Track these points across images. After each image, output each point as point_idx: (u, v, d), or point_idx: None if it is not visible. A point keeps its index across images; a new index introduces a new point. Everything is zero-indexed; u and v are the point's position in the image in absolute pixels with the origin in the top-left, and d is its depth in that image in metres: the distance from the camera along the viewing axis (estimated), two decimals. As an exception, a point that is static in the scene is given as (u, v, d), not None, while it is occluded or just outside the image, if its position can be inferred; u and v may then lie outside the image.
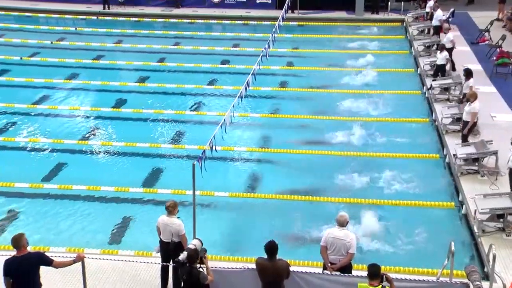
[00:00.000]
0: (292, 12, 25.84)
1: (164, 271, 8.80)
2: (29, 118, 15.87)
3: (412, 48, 21.30)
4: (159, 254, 8.81)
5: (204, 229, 9.87)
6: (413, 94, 17.64)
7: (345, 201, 11.74)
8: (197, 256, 7.52)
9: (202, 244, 8.10)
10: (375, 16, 26.35)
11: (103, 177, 12.73)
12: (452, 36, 18.35)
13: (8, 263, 7.25)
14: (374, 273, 7.04)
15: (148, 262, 8.93)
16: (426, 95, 16.98)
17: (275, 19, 21.03)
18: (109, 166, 13.47)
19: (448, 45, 17.80)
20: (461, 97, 15.08)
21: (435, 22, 21.18)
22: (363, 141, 14.55)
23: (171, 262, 8.49)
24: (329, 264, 8.15)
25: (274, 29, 16.09)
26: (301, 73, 19.95)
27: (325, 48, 22.33)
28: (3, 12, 26.61)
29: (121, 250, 9.99)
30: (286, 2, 19.45)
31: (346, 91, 17.90)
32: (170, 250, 8.49)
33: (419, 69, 19.07)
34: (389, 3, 26.16)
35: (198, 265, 7.52)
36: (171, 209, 8.56)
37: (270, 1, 27.89)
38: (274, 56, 19.50)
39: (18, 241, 7.23)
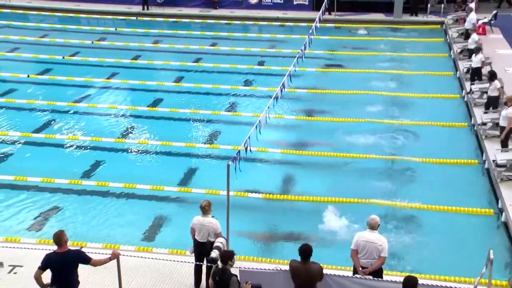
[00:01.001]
0: (329, 14, 25.67)
1: (198, 271, 8.87)
2: (69, 116, 16.22)
3: (452, 51, 20.88)
4: (193, 255, 8.87)
5: (237, 229, 9.91)
6: (452, 98, 17.29)
7: (380, 203, 11.60)
8: (230, 256, 7.52)
9: (227, 242, 8.16)
10: (414, 18, 25.94)
11: (139, 175, 12.93)
12: (477, 37, 17.93)
13: (48, 258, 7.42)
14: (411, 287, 6.92)
15: (181, 261, 9.02)
16: (465, 99, 16.63)
17: (312, 20, 20.92)
18: (145, 164, 13.67)
19: (471, 46, 17.44)
20: (486, 100, 14.77)
21: (468, 25, 20.71)
22: (400, 145, 14.37)
23: (205, 262, 8.55)
24: (360, 268, 8.06)
25: (310, 31, 16.03)
26: (337, 75, 19.81)
27: (362, 50, 22.12)
28: (47, 13, 27.33)
29: (155, 248, 10.10)
30: (323, 3, 19.35)
31: (382, 94, 17.69)
32: (206, 250, 8.48)
33: (458, 72, 18.68)
34: (428, 5, 25.72)
35: (230, 265, 7.51)
36: (207, 208, 8.61)
37: (307, 3, 27.79)
38: (310, 57, 19.45)
39: (60, 238, 7.38)
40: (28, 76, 19.20)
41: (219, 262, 7.58)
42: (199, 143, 14.58)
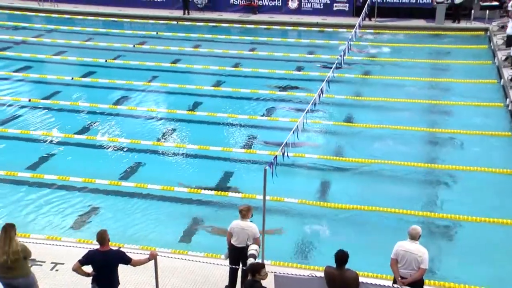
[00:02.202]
0: (369, 19, 25.47)
1: (233, 275, 8.88)
2: (110, 118, 16.56)
3: (496, 58, 20.39)
4: (227, 260, 8.87)
5: (273, 234, 9.91)
6: (495, 106, 16.88)
7: (419, 214, 11.42)
8: (258, 269, 7.44)
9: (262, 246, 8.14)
10: (456, 25, 25.47)
11: (177, 178, 13.08)
12: None
13: (91, 255, 7.60)
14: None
15: (217, 264, 9.07)
16: (509, 108, 16.20)
17: (351, 26, 20.84)
18: (183, 167, 13.82)
19: None
20: None
21: (509, 31, 20.16)
22: (439, 153, 14.12)
23: (240, 266, 8.58)
24: (399, 278, 7.94)
25: (350, 37, 15.93)
26: (376, 82, 19.61)
27: (403, 57, 21.84)
28: (92, 17, 28.06)
29: (191, 251, 10.20)
30: (364, 9, 19.21)
31: (422, 101, 17.42)
32: (244, 254, 8.50)
33: (502, 80, 18.22)
34: (472, 11, 25.19)
35: (260, 278, 7.42)
36: (245, 212, 8.64)
37: (347, 9, 27.67)
38: (349, 63, 19.36)
39: (103, 236, 7.56)
40: (72, 78, 19.72)
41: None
42: (236, 147, 14.66)
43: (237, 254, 8.66)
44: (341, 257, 7.37)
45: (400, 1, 27.04)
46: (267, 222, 9.36)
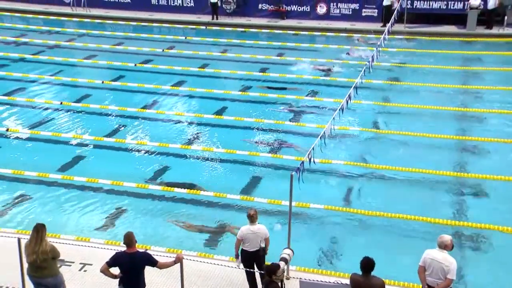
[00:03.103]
0: (385, 25, 25.15)
1: (253, 280, 8.89)
2: (139, 122, 16.77)
3: (529, 65, 20.01)
4: (241, 266, 8.88)
5: (298, 240, 9.90)
6: (528, 114, 16.55)
7: (447, 223, 11.24)
8: (273, 270, 7.44)
9: (293, 253, 8.13)
10: (488, 31, 25.05)
11: (203, 182, 13.15)
12: None
13: (118, 256, 7.70)
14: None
15: (242, 268, 9.07)
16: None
17: (380, 32, 20.73)
18: (209, 171, 13.90)
19: None
20: None
21: None
22: (470, 162, 13.89)
23: (256, 269, 8.65)
24: (426, 286, 7.84)
25: (379, 42, 15.82)
26: (405, 88, 19.43)
27: (433, 63, 21.59)
28: (123, 22, 28.51)
29: (217, 255, 10.23)
30: (393, 15, 19.07)
31: (452, 109, 17.18)
32: (259, 257, 8.61)
33: (535, 88, 17.87)
34: (505, 17, 24.75)
35: (276, 279, 7.44)
36: (255, 216, 8.71)
37: (376, 14, 27.50)
38: (378, 69, 19.22)
39: (131, 238, 7.65)
40: (102, 82, 20.05)
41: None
42: (263, 152, 14.67)
43: (251, 258, 8.72)
44: (367, 264, 7.32)
45: (431, 7, 26.76)
46: (292, 228, 9.36)
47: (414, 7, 26.65)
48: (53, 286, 8.08)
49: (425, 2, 26.77)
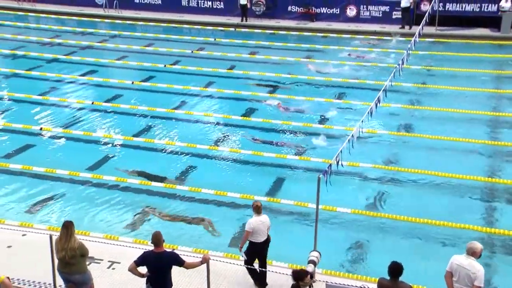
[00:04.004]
0: (404, 28, 24.88)
1: (257, 273, 9.12)
2: (167, 122, 16.94)
3: None
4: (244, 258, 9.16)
5: (325, 243, 9.86)
6: None
7: (477, 229, 11.06)
8: (301, 277, 7.41)
9: (320, 256, 8.11)
10: (523, 34, 24.56)
11: (230, 183, 13.22)
12: None
13: (146, 256, 7.80)
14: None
15: (269, 270, 9.10)
16: None
17: (411, 35, 20.50)
18: (236, 172, 13.96)
19: None
20: None
21: None
22: (501, 167, 13.62)
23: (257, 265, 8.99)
24: (452, 292, 7.74)
25: (409, 45, 15.66)
26: (435, 92, 19.18)
27: (464, 67, 21.25)
28: (153, 23, 28.87)
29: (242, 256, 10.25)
30: (424, 17, 18.81)
31: (484, 113, 16.88)
32: (267, 245, 9.10)
33: None
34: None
35: (303, 285, 7.41)
36: (261, 208, 9.05)
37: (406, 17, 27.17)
38: (408, 72, 19.02)
39: (159, 238, 7.75)
40: (133, 82, 20.33)
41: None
42: (290, 154, 14.67)
43: (258, 249, 9.04)
44: (395, 269, 7.25)
45: (463, 9, 26.34)
46: (319, 231, 9.34)
47: (446, 9, 26.27)
48: (80, 282, 8.24)
49: (458, 5, 26.36)
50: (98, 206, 12.25)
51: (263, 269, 9.11)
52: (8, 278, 7.69)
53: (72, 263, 8.05)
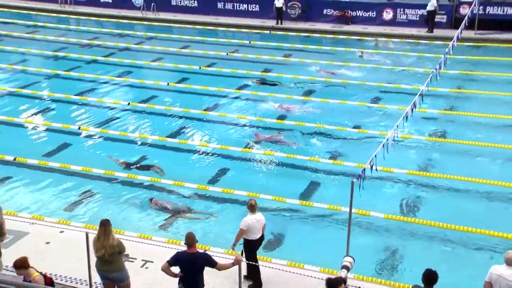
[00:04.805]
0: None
1: (253, 268, 9.19)
2: (201, 124, 17.09)
3: None
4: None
5: (357, 248, 9.79)
6: None
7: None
8: (339, 283, 7.35)
9: (354, 261, 8.04)
10: None
11: (263, 185, 13.25)
12: None
13: (179, 256, 7.89)
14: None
15: (297, 273, 9.09)
16: None
17: (449, 39, 20.17)
18: (269, 175, 13.98)
19: None
20: None
21: None
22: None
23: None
24: (493, 304, 7.56)
25: (447, 49, 15.40)
26: (472, 97, 18.80)
27: (504, 71, 20.76)
28: (189, 26, 29.19)
29: (274, 258, 10.28)
30: (463, 21, 18.49)
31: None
32: (261, 242, 9.28)
33: None
34: None
35: None
36: (256, 206, 9.14)
37: (444, 20, 26.74)
38: (445, 77, 18.71)
39: (192, 239, 7.83)
40: (168, 84, 20.59)
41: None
42: (323, 158, 14.60)
43: (254, 246, 9.17)
44: (430, 276, 7.13)
45: (505, 12, 25.75)
46: (352, 235, 9.27)
47: (487, 13, 25.73)
48: (119, 280, 8.40)
49: (499, 8, 25.79)
50: (132, 205, 12.45)
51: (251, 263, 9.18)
52: (44, 275, 7.85)
53: (111, 260, 8.20)
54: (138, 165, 14.22)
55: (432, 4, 25.65)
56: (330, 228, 11.60)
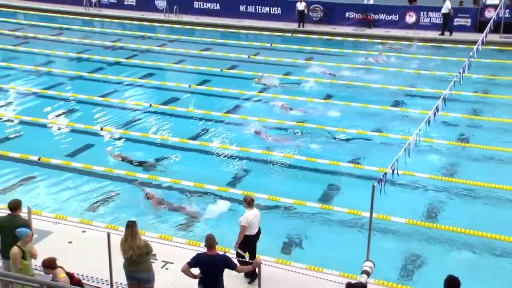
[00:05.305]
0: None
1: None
2: (222, 126, 17.13)
3: None
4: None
5: (378, 252, 9.71)
6: None
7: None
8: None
9: (374, 266, 7.99)
10: None
11: (283, 188, 13.23)
12: None
13: (199, 257, 7.95)
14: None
15: (318, 277, 9.05)
16: None
17: (473, 43, 19.90)
18: (289, 178, 13.96)
19: None
20: None
21: None
22: None
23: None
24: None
25: (471, 53, 15.21)
26: (496, 101, 18.53)
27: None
28: (211, 28, 29.33)
29: (294, 261, 10.25)
30: (488, 25, 18.23)
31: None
32: (258, 237, 9.50)
33: None
34: None
35: None
36: (253, 202, 9.41)
37: (469, 24, 26.43)
38: (468, 81, 18.50)
39: (213, 240, 7.90)
40: (189, 86, 20.72)
41: None
42: (343, 161, 14.53)
43: (251, 241, 9.40)
44: (452, 283, 7.04)
45: (531, 16, 25.37)
46: (372, 240, 9.21)
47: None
48: (146, 280, 8.49)
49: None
50: (153, 206, 12.52)
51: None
52: (71, 276, 7.96)
53: (139, 261, 8.29)
54: (136, 162, 14.46)
55: (446, 7, 25.44)
56: (350, 232, 11.53)
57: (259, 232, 9.59)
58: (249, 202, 9.40)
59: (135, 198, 12.82)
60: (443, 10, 25.66)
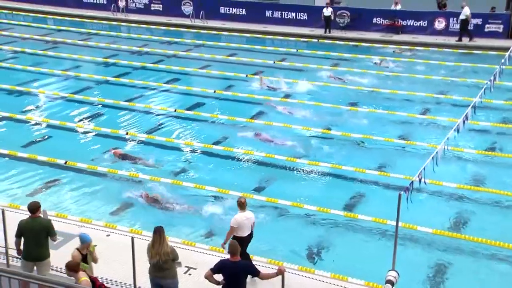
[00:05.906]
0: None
1: None
2: (246, 131, 17.07)
3: None
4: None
5: (404, 262, 9.51)
6: None
7: None
8: None
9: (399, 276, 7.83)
10: None
11: (307, 195, 13.10)
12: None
13: (222, 264, 7.91)
14: None
15: (342, 286, 8.91)
16: None
17: (505, 49, 19.53)
18: (314, 185, 13.82)
19: None
20: None
21: None
22: None
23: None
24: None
25: (503, 60, 14.88)
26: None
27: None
28: (237, 34, 29.40)
29: (318, 269, 10.11)
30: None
31: None
32: (250, 239, 9.45)
33: None
34: None
35: None
36: (246, 204, 9.41)
37: (501, 30, 25.92)
38: (499, 89, 18.12)
39: (236, 247, 7.86)
40: (214, 91, 20.74)
41: None
42: (369, 169, 14.32)
43: (244, 243, 9.27)
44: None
45: None
46: (398, 249, 9.02)
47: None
48: (171, 287, 8.46)
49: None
50: (177, 211, 12.53)
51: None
52: (94, 280, 7.98)
53: (165, 267, 8.30)
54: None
55: (464, 13, 25.04)
56: (375, 241, 11.35)
57: (250, 236, 9.53)
58: (240, 204, 9.43)
59: (159, 203, 12.82)
60: (461, 16, 25.31)
